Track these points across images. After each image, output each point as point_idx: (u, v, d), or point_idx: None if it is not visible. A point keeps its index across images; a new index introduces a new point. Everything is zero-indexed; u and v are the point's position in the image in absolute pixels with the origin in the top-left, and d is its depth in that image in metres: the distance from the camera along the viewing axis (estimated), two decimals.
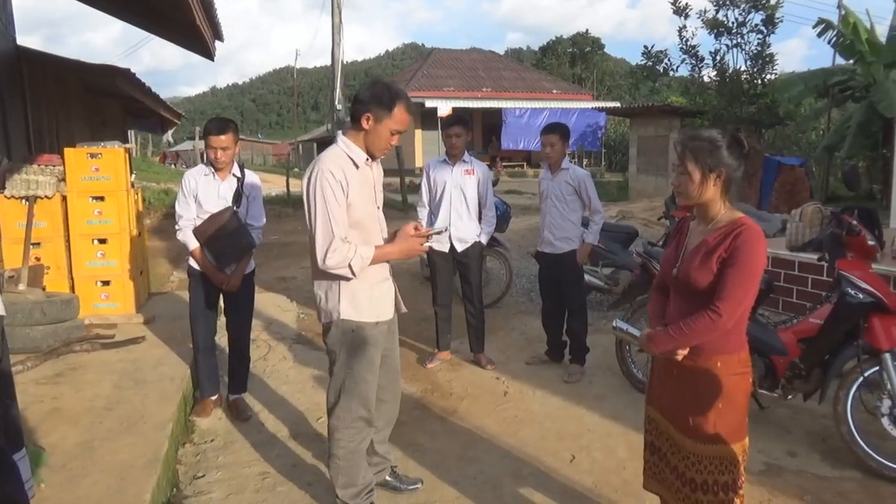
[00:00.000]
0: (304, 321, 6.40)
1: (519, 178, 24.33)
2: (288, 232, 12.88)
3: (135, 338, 4.74)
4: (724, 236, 2.15)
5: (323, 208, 2.56)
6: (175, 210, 3.96)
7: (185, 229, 3.88)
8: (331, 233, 2.57)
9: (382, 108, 2.64)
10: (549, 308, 4.99)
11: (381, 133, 2.67)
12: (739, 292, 2.11)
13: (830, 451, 3.57)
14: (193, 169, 4.05)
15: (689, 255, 2.25)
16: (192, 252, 3.89)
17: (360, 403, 2.80)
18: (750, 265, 2.11)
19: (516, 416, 4.13)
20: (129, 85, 6.85)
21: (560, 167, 4.70)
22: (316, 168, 2.61)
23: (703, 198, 2.21)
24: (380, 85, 2.69)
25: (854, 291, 3.41)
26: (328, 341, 2.81)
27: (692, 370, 2.27)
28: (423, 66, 29.91)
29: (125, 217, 5.41)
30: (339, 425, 2.80)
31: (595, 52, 49.28)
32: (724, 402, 2.23)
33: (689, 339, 2.18)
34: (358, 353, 2.76)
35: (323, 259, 2.57)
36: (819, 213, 6.16)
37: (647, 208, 11.28)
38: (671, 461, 2.41)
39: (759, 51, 13.73)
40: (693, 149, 2.18)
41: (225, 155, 3.83)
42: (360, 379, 2.78)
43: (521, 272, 7.75)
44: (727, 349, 2.24)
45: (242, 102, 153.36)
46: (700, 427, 2.24)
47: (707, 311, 2.13)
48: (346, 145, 2.70)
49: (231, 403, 4.11)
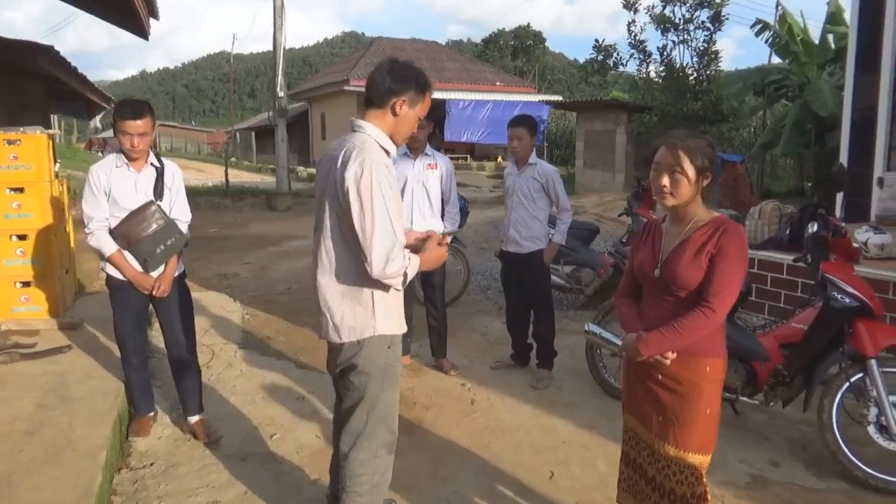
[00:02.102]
0: (250, 322, 5.98)
1: (463, 170, 24.14)
2: (227, 225, 12.30)
3: (60, 346, 4.25)
4: (712, 233, 2.15)
5: (382, 208, 2.21)
6: (83, 212, 3.34)
7: (99, 232, 3.32)
8: (393, 237, 2.23)
9: (419, 92, 2.38)
10: (514, 310, 4.76)
11: (412, 120, 2.42)
12: (731, 286, 2.11)
13: (813, 460, 3.46)
14: (101, 162, 3.45)
15: (673, 255, 2.20)
16: (109, 258, 3.34)
17: (388, 427, 2.51)
18: (739, 259, 2.12)
19: (487, 426, 3.87)
20: (53, 64, 6.22)
21: (527, 162, 4.46)
22: (367, 160, 2.22)
23: (692, 198, 2.18)
24: (407, 66, 2.40)
25: (840, 295, 3.29)
26: (356, 362, 2.39)
27: (679, 375, 2.21)
28: (366, 55, 29.25)
29: (48, 210, 4.86)
30: (364, 457, 2.46)
31: (536, 46, 49.65)
32: (711, 408, 2.22)
33: (684, 338, 2.14)
34: (391, 370, 2.45)
35: (384, 266, 2.21)
36: (777, 210, 6.16)
37: (599, 203, 11.26)
38: (648, 472, 2.35)
39: (706, 47, 13.90)
40: (686, 148, 2.15)
41: (143, 142, 3.33)
42: (390, 401, 2.49)
43: (475, 269, 7.52)
44: (716, 353, 2.22)
45: (174, 88, 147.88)
46: (686, 435, 2.21)
47: (700, 308, 2.12)
48: (377, 134, 2.36)
49: (195, 426, 3.63)
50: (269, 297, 6.88)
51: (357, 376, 2.42)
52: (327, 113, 28.10)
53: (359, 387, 2.43)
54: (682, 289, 2.18)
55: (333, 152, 2.36)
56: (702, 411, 2.20)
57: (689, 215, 2.23)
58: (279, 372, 4.69)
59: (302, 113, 31.29)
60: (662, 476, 2.28)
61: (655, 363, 2.22)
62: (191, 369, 3.67)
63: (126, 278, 3.40)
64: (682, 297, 2.20)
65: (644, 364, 2.26)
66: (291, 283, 7.45)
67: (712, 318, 2.11)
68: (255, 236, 10.82)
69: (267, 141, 32.08)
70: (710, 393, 2.22)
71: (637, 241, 2.43)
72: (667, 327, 2.16)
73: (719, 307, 2.10)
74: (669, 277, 2.20)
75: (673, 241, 2.25)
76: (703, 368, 2.20)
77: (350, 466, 2.46)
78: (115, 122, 3.32)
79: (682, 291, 2.19)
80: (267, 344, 5.36)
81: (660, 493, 2.29)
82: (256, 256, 9.07)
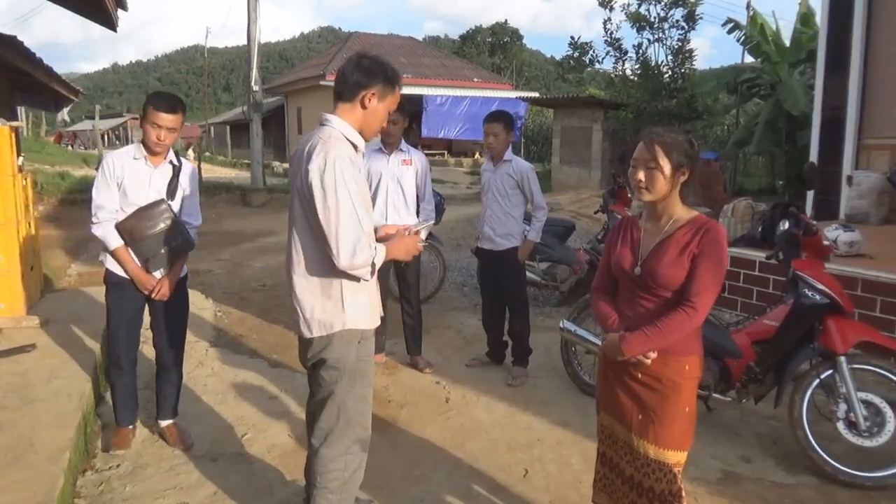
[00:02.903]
0: (223, 319, 5.89)
1: (440, 167, 24.11)
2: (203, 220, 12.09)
3: (24, 346, 4.13)
4: (694, 233, 2.15)
5: (347, 200, 2.19)
6: (92, 197, 3.21)
7: (107, 223, 3.19)
8: (359, 229, 2.22)
9: (388, 85, 2.37)
10: (490, 307, 4.74)
11: (381, 114, 2.40)
12: (713, 286, 2.13)
13: (784, 456, 3.50)
14: (119, 151, 3.33)
15: (654, 253, 2.20)
16: (113, 252, 3.22)
17: (360, 424, 2.48)
18: (720, 260, 2.13)
19: (461, 424, 3.85)
20: (16, 55, 6.04)
21: (503, 159, 4.43)
22: (330, 154, 2.21)
23: (668, 194, 2.18)
24: (376, 60, 2.38)
25: (811, 292, 3.32)
26: (326, 357, 2.37)
27: (659, 374, 2.21)
28: (343, 50, 29.01)
29: (11, 206, 4.72)
30: (334, 454, 2.43)
31: (514, 43, 49.71)
32: (690, 405, 2.24)
33: (666, 338, 2.14)
34: (361, 365, 2.43)
35: (351, 257, 2.19)
36: (750, 208, 6.23)
37: (575, 200, 11.29)
38: (626, 471, 2.34)
39: (680, 46, 14.01)
40: (663, 143, 2.14)
41: (170, 137, 3.23)
42: (361, 396, 2.46)
43: (451, 265, 7.49)
44: (695, 351, 2.24)
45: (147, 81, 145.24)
46: (666, 433, 2.21)
47: (682, 308, 2.12)
48: (344, 127, 2.34)
49: (165, 430, 3.53)
50: (242, 294, 6.78)
51: (327, 371, 2.40)
52: (304, 107, 27.83)
53: (329, 382, 2.41)
54: (664, 288, 2.18)
55: (302, 147, 2.33)
56: (681, 409, 2.21)
57: (667, 212, 2.22)
58: (252, 370, 4.62)
59: (278, 107, 30.95)
60: (641, 474, 2.27)
61: (636, 362, 2.22)
62: (175, 376, 3.55)
63: (127, 276, 3.28)
64: (662, 296, 2.20)
65: (623, 363, 2.25)
66: (265, 280, 7.35)
67: (694, 318, 2.11)
68: (230, 232, 10.67)
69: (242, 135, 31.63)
70: (688, 391, 2.23)
71: (613, 238, 2.41)
72: (650, 327, 2.15)
73: (701, 307, 2.11)
74: (650, 276, 2.19)
75: (652, 239, 2.24)
76: (683, 367, 2.21)
77: (321, 462, 2.43)
78: (146, 111, 3.18)
79: (662, 290, 2.19)
80: (239, 342, 5.28)
81: (637, 492, 2.28)
82: (230, 253, 8.94)
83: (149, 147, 3.25)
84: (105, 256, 3.31)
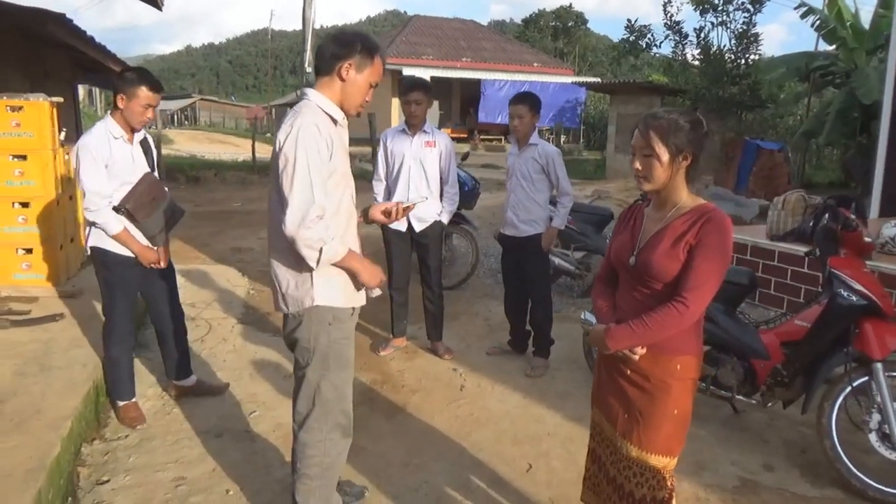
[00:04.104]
0: (254, 297, 5.95)
1: (497, 152, 23.83)
2: (251, 200, 12.34)
3: (52, 315, 4.26)
4: (693, 222, 1.98)
5: (304, 167, 2.13)
6: (83, 186, 3.16)
7: (105, 210, 3.17)
8: (311, 197, 2.13)
9: (365, 55, 2.29)
10: (512, 295, 4.60)
11: (361, 85, 2.32)
12: (710, 282, 1.95)
13: (810, 466, 3.26)
14: (92, 134, 3.22)
15: (650, 243, 2.06)
16: (116, 236, 3.22)
17: (339, 409, 2.41)
18: (720, 253, 1.95)
19: (471, 414, 3.76)
20: (66, 32, 6.20)
21: (528, 142, 4.27)
22: (297, 121, 2.18)
23: (670, 182, 2.02)
24: (352, 33, 2.34)
25: (847, 293, 3.07)
26: (298, 336, 2.33)
27: (648, 372, 2.06)
28: (403, 33, 29.06)
29: (50, 179, 4.87)
30: (313, 439, 2.38)
31: (578, 27, 48.61)
32: (680, 408, 2.07)
33: (653, 334, 1.98)
34: (335, 347, 2.35)
35: (298, 226, 2.11)
36: (802, 201, 5.85)
37: (624, 188, 10.95)
38: (610, 471, 2.22)
39: (745, 30, 13.34)
40: (658, 128, 1.97)
41: (152, 115, 3.32)
42: (338, 380, 2.39)
43: (489, 251, 7.36)
44: (689, 350, 2.07)
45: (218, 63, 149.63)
46: (650, 435, 2.06)
47: (673, 303, 1.96)
48: (321, 100, 2.29)
49: (188, 389, 3.76)
50: None
51: (300, 352, 2.36)
52: None
53: (302, 364, 2.37)
54: (657, 280, 2.02)
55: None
56: (669, 411, 2.05)
57: (671, 200, 2.05)
58: (272, 348, 4.63)
59: None
60: (623, 477, 2.15)
61: (624, 357, 2.08)
62: (183, 329, 3.74)
63: (132, 254, 3.31)
64: (656, 288, 2.03)
65: (613, 358, 2.12)
66: None
67: (685, 315, 1.94)
68: None
69: None
70: (679, 392, 2.06)
71: (618, 226, 2.27)
72: (636, 321, 2.00)
73: (693, 303, 1.93)
74: (644, 267, 2.04)
75: (653, 227, 2.08)
76: (674, 366, 2.04)
77: (300, 448, 2.39)
78: (137, 90, 3.17)
79: (656, 283, 2.03)
80: (267, 320, 5.32)
81: (619, 495, 2.16)
82: None
83: (132, 125, 3.26)
84: (99, 240, 3.27)
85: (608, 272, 2.30)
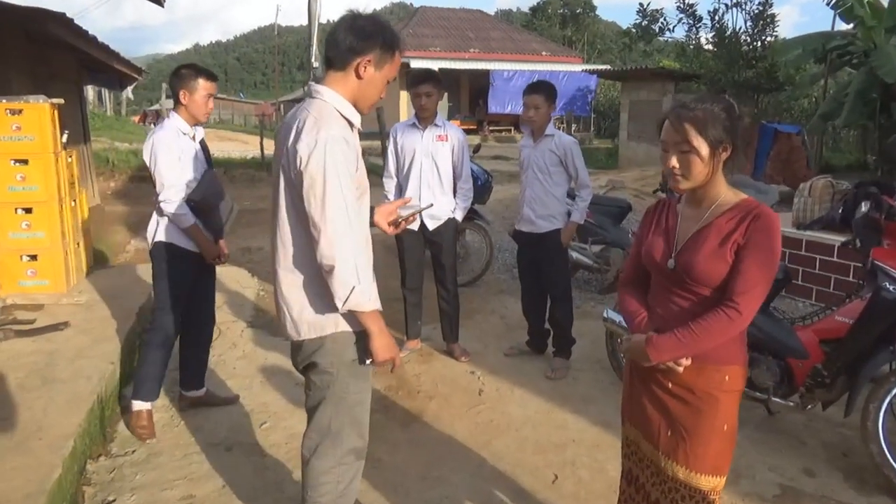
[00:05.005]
0: (264, 299, 5.81)
1: (507, 143, 23.58)
2: (261, 198, 12.17)
3: (57, 323, 4.13)
4: (740, 220, 1.81)
5: (337, 190, 1.89)
6: (163, 180, 3.17)
7: (179, 202, 3.21)
8: (349, 227, 1.91)
9: (387, 50, 2.03)
10: (530, 293, 4.42)
11: (379, 83, 2.07)
12: (760, 285, 1.79)
13: (854, 470, 3.08)
14: (165, 128, 3.25)
15: (691, 243, 1.88)
16: (189, 229, 3.25)
17: (356, 432, 2.20)
18: (771, 254, 1.79)
19: (491, 420, 3.59)
20: (68, 32, 6.06)
21: (544, 133, 4.08)
22: (322, 134, 1.91)
23: (710, 177, 1.84)
24: (372, 22, 2.03)
25: (892, 286, 2.87)
26: (318, 361, 2.10)
27: (692, 384, 1.88)
28: (409, 25, 28.78)
29: (53, 183, 4.75)
30: (326, 465, 2.17)
31: (586, 14, 47.99)
32: (729, 423, 1.91)
33: (702, 343, 1.81)
34: (358, 369, 2.13)
35: (334, 258, 1.89)
36: (830, 187, 5.64)
37: (639, 178, 10.70)
38: (652, 494, 2.04)
39: (761, 11, 13.00)
40: (694, 120, 1.78)
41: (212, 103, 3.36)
42: (357, 402, 2.18)
43: (503, 246, 7.17)
44: (736, 359, 1.91)
45: (226, 61, 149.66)
46: (698, 454, 1.89)
47: (723, 309, 1.79)
48: (337, 100, 2.03)
49: (198, 400, 3.65)
50: None
51: (318, 375, 2.14)
52: None
53: (321, 386, 2.15)
54: (701, 284, 1.84)
55: (289, 121, 2.04)
56: (718, 427, 1.88)
57: (709, 196, 1.87)
58: (283, 353, 4.47)
59: None
60: (668, 500, 1.97)
61: (665, 370, 1.90)
62: (208, 342, 3.72)
63: (197, 249, 3.33)
64: (699, 293, 1.86)
65: (651, 369, 1.94)
66: None
67: (737, 322, 1.78)
68: None
69: None
70: (727, 405, 1.89)
71: (646, 224, 2.08)
72: (682, 329, 1.82)
73: (745, 309, 1.77)
74: (686, 270, 1.86)
75: (691, 226, 1.90)
76: (722, 377, 1.87)
77: (311, 475, 2.20)
78: (196, 83, 3.23)
79: (700, 287, 1.85)
80: (277, 323, 5.17)
81: None
82: None
83: (198, 117, 3.30)
84: (168, 234, 3.28)
85: (636, 275, 2.12)
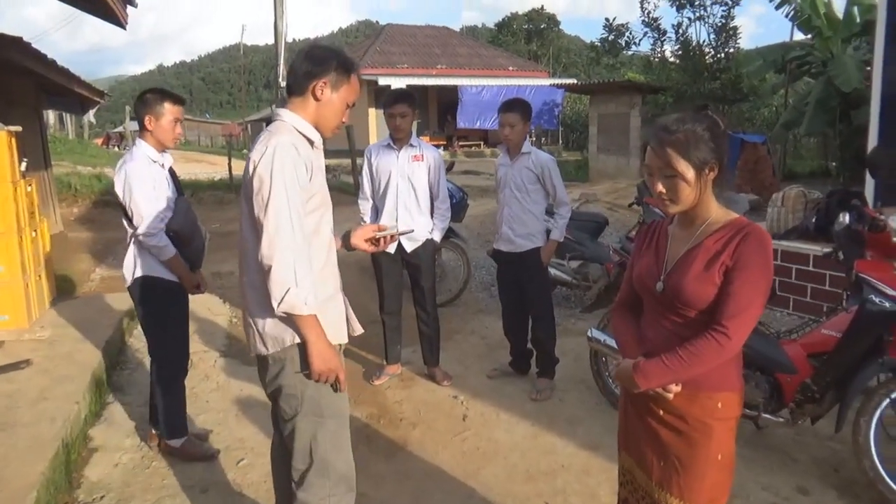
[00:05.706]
0: (237, 326, 5.63)
1: (476, 157, 23.64)
2: (229, 220, 11.95)
3: (18, 362, 3.93)
4: (728, 240, 1.75)
5: (281, 190, 1.90)
6: (141, 212, 3.03)
7: (161, 233, 3.07)
8: (290, 228, 1.90)
9: (341, 73, 2.08)
10: (511, 313, 4.34)
11: (338, 105, 2.11)
12: (752, 308, 1.71)
13: (846, 486, 3.03)
14: (135, 157, 3.11)
15: (679, 265, 1.82)
16: (170, 260, 3.11)
17: (341, 459, 2.13)
18: (762, 274, 1.72)
19: (478, 447, 3.49)
20: (25, 57, 5.88)
21: (520, 151, 4.03)
22: (272, 140, 1.95)
23: (699, 199, 1.77)
24: (326, 49, 2.12)
25: (878, 298, 2.85)
26: (282, 383, 2.05)
27: (684, 412, 1.80)
28: (376, 42, 28.83)
29: (11, 214, 4.56)
30: (314, 497, 2.09)
31: (551, 29, 48.65)
32: (724, 452, 1.84)
33: (691, 369, 1.74)
34: (326, 389, 2.07)
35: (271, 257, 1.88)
36: (802, 197, 5.69)
37: (611, 190, 10.76)
38: None
39: (723, 23, 13.25)
40: (675, 144, 1.72)
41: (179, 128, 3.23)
42: (335, 426, 2.11)
43: (479, 264, 7.10)
44: (731, 385, 1.83)
45: (191, 81, 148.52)
46: (693, 486, 1.81)
47: (712, 333, 1.71)
48: (296, 120, 2.06)
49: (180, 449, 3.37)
50: None
51: (286, 401, 2.08)
52: None
53: (289, 413, 2.08)
54: (690, 307, 1.77)
55: (252, 144, 2.05)
56: (712, 457, 1.80)
57: (700, 216, 1.81)
58: (259, 384, 4.30)
59: None
60: None
61: (655, 396, 1.82)
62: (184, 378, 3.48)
63: (176, 279, 3.19)
64: (690, 316, 1.79)
65: (642, 396, 1.86)
66: None
67: (727, 347, 1.70)
68: None
69: None
70: (721, 434, 1.81)
71: (638, 246, 2.01)
72: (670, 355, 1.75)
73: (735, 333, 1.70)
74: (674, 293, 1.79)
75: (680, 248, 1.84)
76: (714, 404, 1.80)
77: None
78: (162, 107, 3.10)
79: (689, 310, 1.78)
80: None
81: None
82: None
83: (165, 143, 3.17)
84: (149, 268, 3.13)
85: (629, 297, 2.05)
